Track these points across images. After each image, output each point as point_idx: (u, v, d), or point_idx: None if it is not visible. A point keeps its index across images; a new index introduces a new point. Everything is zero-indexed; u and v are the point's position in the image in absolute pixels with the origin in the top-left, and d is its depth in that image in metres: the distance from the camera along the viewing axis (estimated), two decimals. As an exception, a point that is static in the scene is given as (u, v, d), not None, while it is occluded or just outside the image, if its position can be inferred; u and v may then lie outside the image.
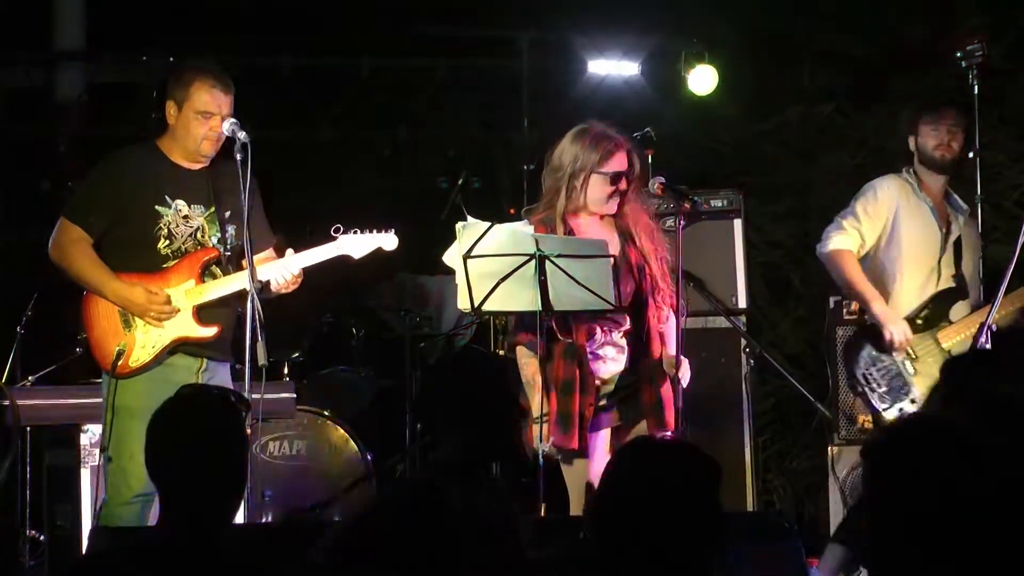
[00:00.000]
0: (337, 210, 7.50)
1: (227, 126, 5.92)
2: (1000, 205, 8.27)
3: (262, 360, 5.79)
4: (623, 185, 5.94)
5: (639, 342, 5.97)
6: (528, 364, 5.91)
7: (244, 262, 6.00)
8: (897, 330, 6.75)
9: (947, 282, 6.88)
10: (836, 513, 7.13)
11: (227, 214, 6.09)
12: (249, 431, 4.47)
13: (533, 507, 5.80)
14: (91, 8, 9.76)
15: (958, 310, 6.87)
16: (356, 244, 6.17)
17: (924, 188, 6.91)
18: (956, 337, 6.80)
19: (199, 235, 6.07)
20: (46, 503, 7.45)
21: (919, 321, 6.84)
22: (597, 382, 5.91)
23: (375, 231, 6.19)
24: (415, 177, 9.76)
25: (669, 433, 5.85)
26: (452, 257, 5.76)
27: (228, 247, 6.11)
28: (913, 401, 6.79)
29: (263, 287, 5.95)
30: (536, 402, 5.81)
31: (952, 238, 6.92)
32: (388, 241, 6.22)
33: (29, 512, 7.42)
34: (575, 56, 9.05)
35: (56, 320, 7.35)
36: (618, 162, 5.94)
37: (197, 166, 6.10)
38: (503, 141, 9.54)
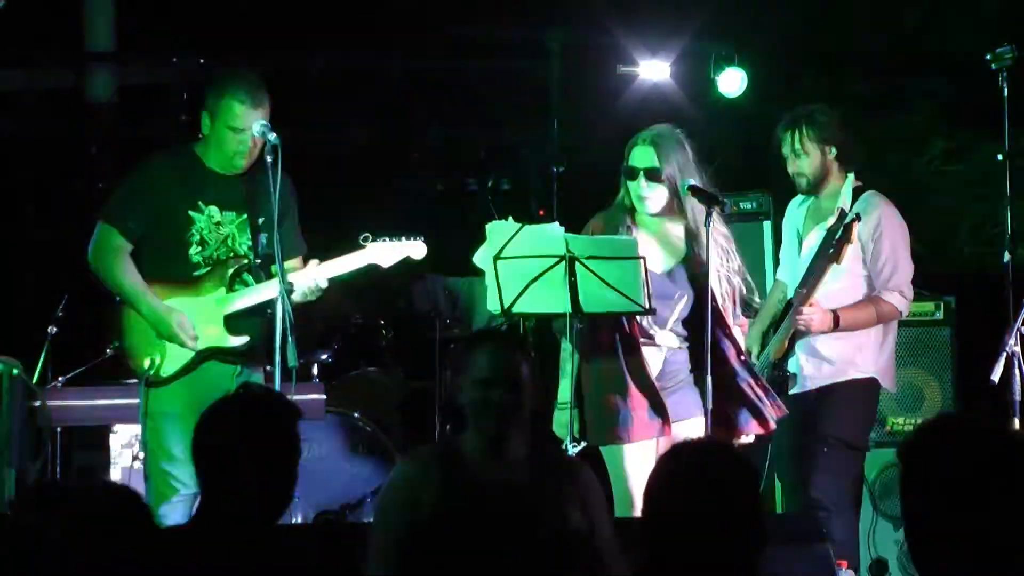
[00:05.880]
0: (365, 211, 7.50)
1: (257, 128, 5.89)
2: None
3: (292, 361, 5.78)
4: (644, 182, 5.90)
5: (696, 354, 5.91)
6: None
7: (274, 268, 5.99)
8: None
9: None
10: (866, 516, 7.09)
11: (260, 221, 6.06)
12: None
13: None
14: (122, 9, 9.79)
15: None
16: (385, 252, 6.13)
17: None
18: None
19: (230, 242, 6.06)
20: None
21: None
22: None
23: (404, 238, 6.15)
24: (445, 178, 9.75)
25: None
26: (482, 258, 5.76)
27: (259, 255, 6.09)
28: None
29: (291, 291, 5.93)
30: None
31: None
32: (416, 249, 6.19)
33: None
34: (605, 58, 9.03)
35: (87, 321, 7.37)
36: (636, 156, 5.91)
37: (232, 172, 6.09)
38: (533, 143, 9.52)
